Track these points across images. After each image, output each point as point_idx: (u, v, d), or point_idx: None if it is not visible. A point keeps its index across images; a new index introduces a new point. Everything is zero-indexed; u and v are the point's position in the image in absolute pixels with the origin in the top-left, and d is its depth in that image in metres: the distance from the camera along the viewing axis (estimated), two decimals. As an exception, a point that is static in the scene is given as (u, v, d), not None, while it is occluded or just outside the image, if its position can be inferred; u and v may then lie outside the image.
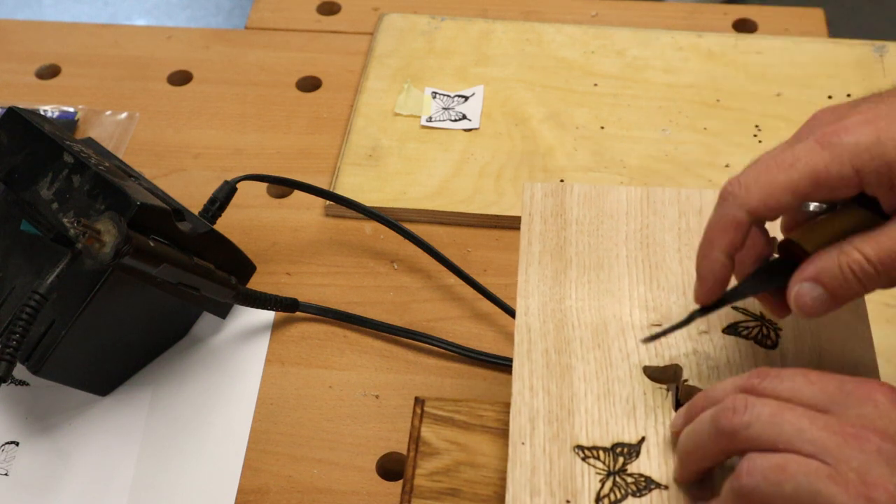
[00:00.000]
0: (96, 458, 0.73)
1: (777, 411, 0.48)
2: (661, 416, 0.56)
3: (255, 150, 0.93)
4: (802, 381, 0.50)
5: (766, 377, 0.50)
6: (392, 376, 0.77)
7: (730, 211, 0.52)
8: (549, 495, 0.53)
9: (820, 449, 0.46)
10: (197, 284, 0.72)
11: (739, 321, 0.61)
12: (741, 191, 0.52)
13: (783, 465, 0.46)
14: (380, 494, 0.70)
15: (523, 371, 0.58)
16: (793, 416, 0.48)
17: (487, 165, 0.89)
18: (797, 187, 0.50)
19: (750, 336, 0.60)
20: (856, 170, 0.49)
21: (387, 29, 1.02)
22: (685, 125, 0.92)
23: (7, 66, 1.03)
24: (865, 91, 0.92)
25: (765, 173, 0.51)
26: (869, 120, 0.50)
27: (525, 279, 0.63)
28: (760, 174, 0.51)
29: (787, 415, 0.48)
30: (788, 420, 0.47)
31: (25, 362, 0.69)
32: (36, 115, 0.75)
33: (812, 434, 0.47)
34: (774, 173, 0.51)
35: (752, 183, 0.51)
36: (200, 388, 0.77)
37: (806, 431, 0.47)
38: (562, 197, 0.67)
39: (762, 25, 1.04)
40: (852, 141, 0.49)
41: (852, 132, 0.49)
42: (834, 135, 0.50)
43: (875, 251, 0.50)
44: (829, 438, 0.46)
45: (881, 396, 0.48)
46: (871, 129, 0.49)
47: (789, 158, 0.51)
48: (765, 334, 0.60)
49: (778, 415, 0.48)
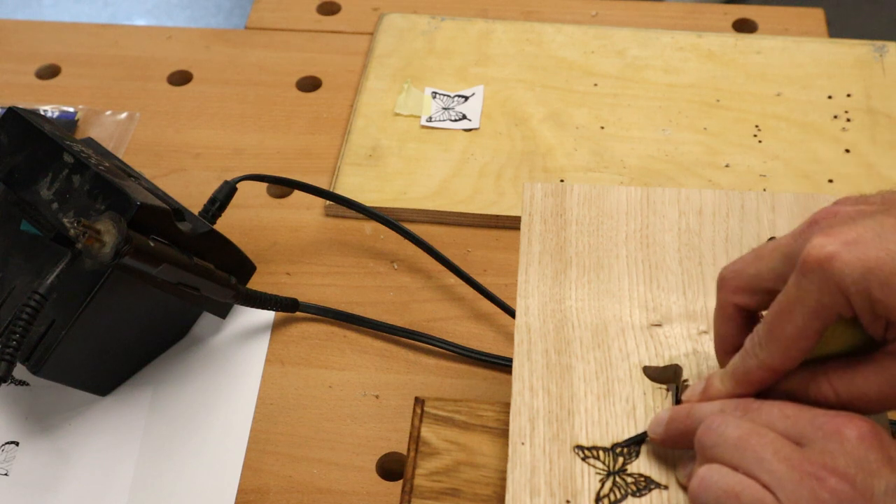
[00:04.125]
0: (96, 458, 0.73)
1: (745, 435, 0.49)
2: (661, 416, 0.56)
3: (255, 150, 0.93)
4: (778, 413, 0.50)
5: (748, 410, 0.51)
6: (392, 376, 0.77)
7: (756, 371, 0.52)
8: (549, 495, 0.53)
9: (776, 482, 0.47)
10: (197, 284, 0.72)
11: (739, 321, 0.60)
12: (762, 352, 0.52)
13: (738, 493, 0.48)
14: (380, 494, 0.70)
15: (523, 371, 0.58)
16: (758, 444, 0.48)
17: (487, 165, 0.89)
18: (806, 331, 0.50)
19: (750, 336, 0.60)
20: (845, 297, 0.49)
21: (387, 29, 1.02)
22: (685, 125, 0.92)
23: (7, 66, 1.03)
24: (865, 91, 0.93)
25: (775, 328, 0.51)
26: (860, 244, 0.48)
27: (525, 279, 0.63)
28: (772, 329, 0.51)
29: (753, 441, 0.49)
30: (752, 447, 0.48)
31: (25, 362, 0.69)
32: (36, 115, 0.75)
33: (772, 465, 0.47)
34: (783, 326, 0.51)
35: (768, 341, 0.51)
36: (200, 388, 0.77)
37: (766, 462, 0.48)
38: (562, 197, 0.67)
39: (762, 25, 1.04)
40: (837, 271, 0.48)
41: (839, 261, 0.48)
42: (819, 264, 0.48)
43: (846, 392, 0.51)
44: (786, 473, 0.47)
45: (850, 432, 0.48)
46: (859, 259, 0.48)
47: (786, 303, 0.50)
48: (765, 334, 0.60)
49: (744, 439, 0.49)
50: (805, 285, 0.49)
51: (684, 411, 0.54)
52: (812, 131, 0.91)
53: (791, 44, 0.99)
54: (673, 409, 0.54)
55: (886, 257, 0.47)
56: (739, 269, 0.54)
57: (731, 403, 0.52)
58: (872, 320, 0.49)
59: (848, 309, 0.49)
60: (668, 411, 0.54)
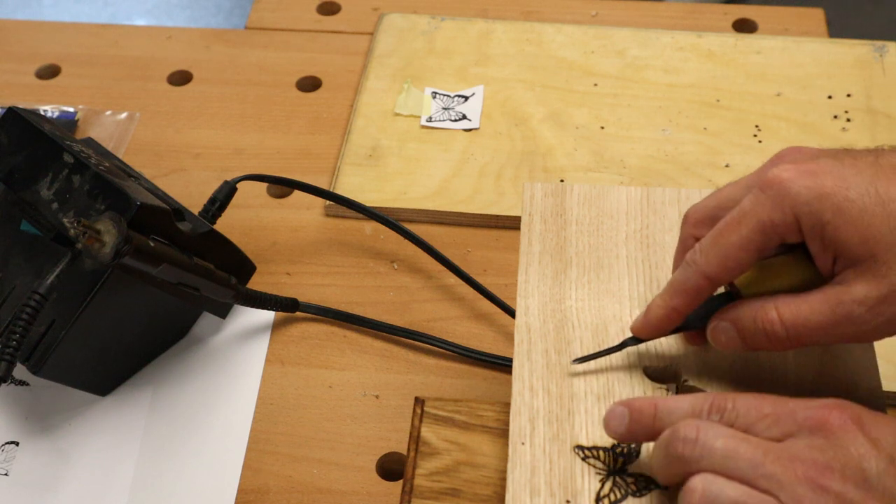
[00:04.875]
0: (96, 458, 0.73)
1: (731, 444, 0.48)
2: (661, 416, 0.56)
3: (255, 150, 0.94)
4: (756, 414, 0.49)
5: (723, 411, 0.50)
6: (392, 376, 0.77)
7: (692, 277, 0.54)
8: (549, 495, 0.53)
9: (776, 485, 0.46)
10: (197, 284, 0.72)
11: (739, 321, 0.61)
12: (701, 258, 0.54)
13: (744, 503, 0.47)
14: (380, 494, 0.70)
15: (523, 371, 0.58)
16: (747, 450, 0.48)
17: (487, 165, 0.89)
18: (749, 244, 0.52)
19: (750, 336, 0.60)
20: (796, 218, 0.50)
21: (387, 29, 1.02)
22: (685, 125, 0.92)
23: (7, 66, 1.03)
24: (865, 91, 0.93)
25: (719, 237, 0.53)
26: (818, 176, 0.51)
27: (525, 279, 0.63)
28: (716, 238, 0.53)
29: (742, 448, 0.48)
30: (743, 455, 0.48)
31: (25, 362, 0.69)
32: (36, 115, 0.75)
33: (767, 469, 0.47)
34: (727, 235, 0.53)
35: (710, 248, 0.53)
36: (200, 388, 0.77)
37: (760, 466, 0.47)
38: (562, 197, 0.67)
39: (762, 25, 1.04)
40: (793, 192, 0.50)
41: (796, 185, 0.50)
42: (778, 183, 0.51)
43: (791, 317, 0.52)
44: (784, 475, 0.47)
45: (833, 421, 0.48)
46: (815, 186, 0.50)
47: (738, 214, 0.52)
48: (765, 334, 0.60)
49: (732, 448, 0.48)
50: (760, 200, 0.51)
51: (649, 412, 0.52)
52: (812, 131, 0.91)
53: (791, 44, 0.99)
54: (633, 407, 0.52)
55: (842, 186, 0.50)
56: (699, 205, 0.57)
57: (700, 402, 0.51)
58: (821, 250, 0.51)
59: (795, 234, 0.51)
60: (625, 405, 0.52)
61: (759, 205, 0.51)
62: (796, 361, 0.58)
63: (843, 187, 0.50)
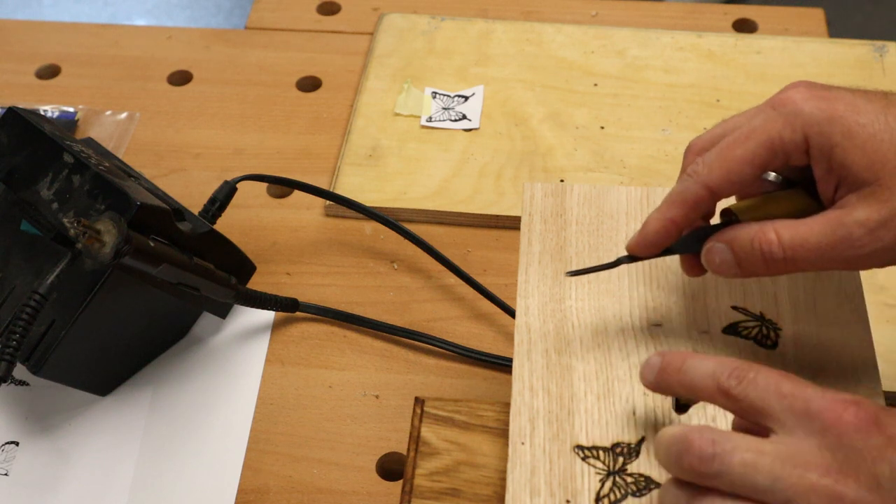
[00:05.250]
0: (96, 458, 0.73)
1: (749, 459, 0.46)
2: (660, 417, 0.56)
3: (255, 150, 0.94)
4: (774, 391, 0.48)
5: (742, 380, 0.48)
6: (392, 376, 0.77)
7: (692, 187, 0.54)
8: (549, 495, 0.53)
9: (791, 498, 0.45)
10: (197, 284, 0.72)
11: (739, 321, 0.61)
12: (704, 169, 0.54)
13: None
14: (380, 494, 0.70)
15: (523, 371, 0.58)
16: (766, 464, 0.46)
17: (487, 165, 0.89)
18: (754, 158, 0.52)
19: (750, 336, 0.60)
20: (805, 138, 0.51)
21: (387, 29, 1.02)
22: (685, 125, 0.92)
23: (7, 66, 1.03)
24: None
25: (726, 149, 0.53)
26: (831, 101, 0.52)
27: (525, 279, 0.63)
28: (722, 150, 0.53)
29: (761, 462, 0.46)
30: (763, 470, 0.46)
31: (25, 362, 0.69)
32: (36, 115, 0.75)
33: (784, 482, 0.46)
34: (734, 148, 0.53)
35: (714, 159, 0.53)
36: (200, 388, 0.77)
37: (780, 480, 0.46)
38: (562, 197, 0.67)
39: (762, 25, 1.04)
40: (806, 111, 0.51)
41: (809, 105, 0.51)
42: (791, 102, 0.52)
43: (789, 237, 0.52)
44: (799, 484, 0.45)
45: (848, 417, 0.46)
46: (828, 108, 0.51)
47: (746, 130, 0.53)
48: (764, 335, 0.60)
49: (751, 465, 0.46)
50: (771, 116, 0.52)
51: (677, 364, 0.51)
52: (812, 131, 0.91)
53: (791, 44, 0.99)
54: (665, 358, 0.51)
55: (854, 111, 0.51)
56: (706, 134, 0.56)
57: (724, 366, 0.49)
58: (826, 172, 0.51)
59: (802, 154, 0.51)
60: (660, 356, 0.52)
61: (770, 121, 0.52)
62: (796, 360, 0.58)
63: (854, 112, 0.51)
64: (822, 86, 0.54)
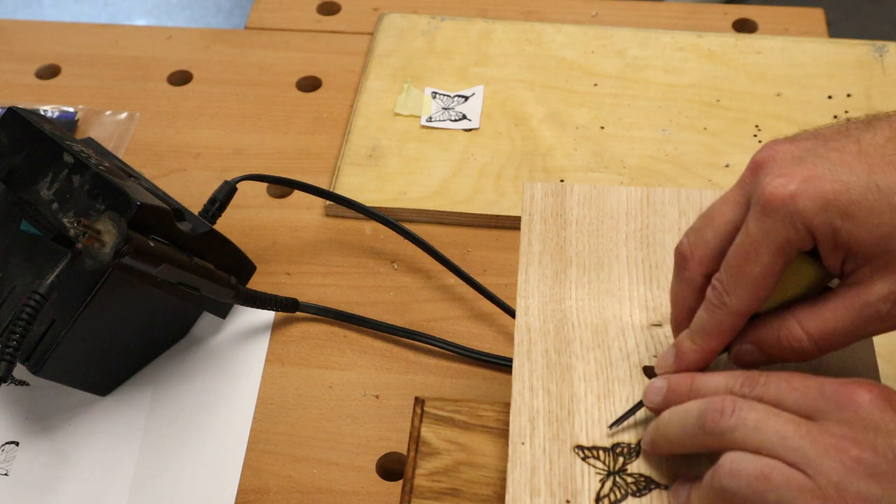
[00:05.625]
0: (96, 458, 0.73)
1: (762, 417, 0.49)
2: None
3: (255, 150, 0.93)
4: (786, 386, 0.50)
5: (755, 385, 0.51)
6: (392, 376, 0.77)
7: (726, 319, 0.53)
8: (549, 495, 0.53)
9: (802, 458, 0.47)
10: (197, 284, 0.72)
11: (739, 321, 0.60)
12: (730, 299, 0.53)
13: (768, 475, 0.47)
14: (380, 494, 0.70)
15: (523, 371, 0.58)
16: (777, 423, 0.48)
17: (487, 165, 0.89)
18: (773, 270, 0.52)
19: (750, 336, 0.60)
20: (809, 231, 0.50)
21: (387, 29, 1.02)
22: (685, 125, 0.92)
23: (7, 66, 1.03)
24: (865, 91, 0.93)
25: (740, 271, 0.52)
26: (813, 179, 0.50)
27: (525, 279, 0.63)
28: (737, 273, 0.52)
29: (772, 421, 0.48)
30: (773, 427, 0.48)
31: (25, 362, 0.69)
32: (36, 115, 0.75)
33: (795, 442, 0.47)
34: (749, 268, 0.52)
35: (735, 286, 0.52)
36: (200, 388, 0.77)
37: (789, 439, 0.48)
38: (562, 197, 0.67)
39: (762, 25, 1.04)
40: (801, 208, 0.50)
41: (801, 198, 0.50)
42: (781, 202, 0.50)
43: (816, 329, 0.52)
44: (810, 447, 0.47)
45: (861, 398, 0.48)
46: (817, 193, 0.50)
47: (750, 243, 0.51)
48: (765, 334, 0.60)
49: (763, 421, 0.49)
50: (770, 224, 0.51)
51: (686, 385, 0.53)
52: (812, 131, 0.91)
53: (791, 44, 0.99)
54: (672, 380, 0.54)
55: (841, 188, 0.50)
56: (697, 238, 0.55)
57: (736, 378, 0.52)
58: (832, 250, 0.51)
59: (810, 242, 0.51)
60: (664, 380, 0.54)
61: (771, 230, 0.51)
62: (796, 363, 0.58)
63: (843, 189, 0.50)
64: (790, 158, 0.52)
